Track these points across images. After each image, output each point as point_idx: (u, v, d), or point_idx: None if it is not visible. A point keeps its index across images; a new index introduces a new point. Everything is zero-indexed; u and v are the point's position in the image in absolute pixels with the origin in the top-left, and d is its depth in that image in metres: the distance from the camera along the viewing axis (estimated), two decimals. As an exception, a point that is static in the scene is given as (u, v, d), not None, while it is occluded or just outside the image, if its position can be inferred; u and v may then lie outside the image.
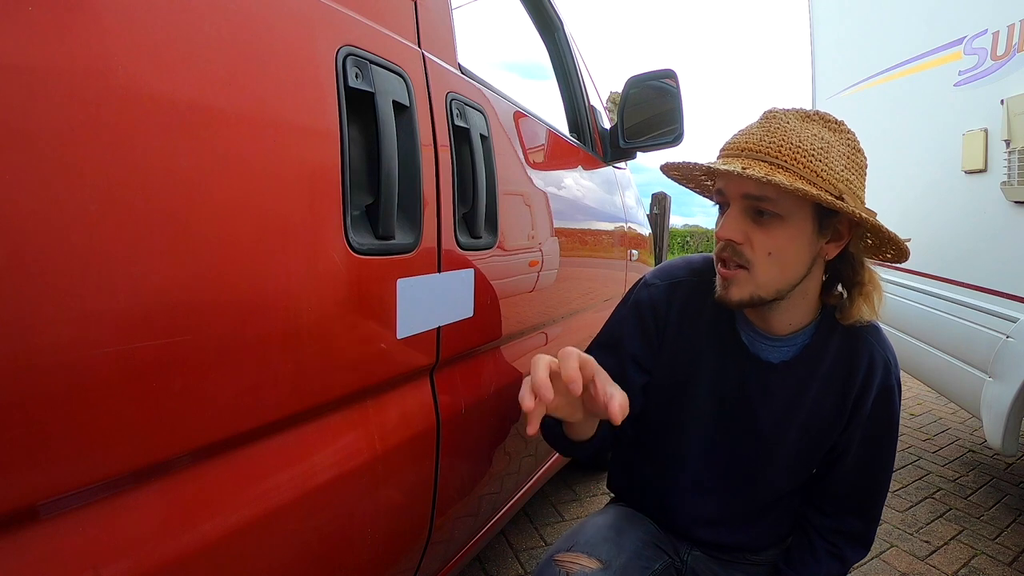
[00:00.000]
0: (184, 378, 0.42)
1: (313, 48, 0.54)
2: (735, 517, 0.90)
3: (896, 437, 0.87)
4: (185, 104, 0.42)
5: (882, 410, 0.84)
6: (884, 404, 0.84)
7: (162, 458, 0.42)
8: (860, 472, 0.87)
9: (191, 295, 0.42)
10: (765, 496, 0.90)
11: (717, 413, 0.86)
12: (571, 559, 0.78)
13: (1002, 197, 1.61)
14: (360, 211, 0.60)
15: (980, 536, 1.70)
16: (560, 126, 1.43)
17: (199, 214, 0.43)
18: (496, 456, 1.01)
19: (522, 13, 1.46)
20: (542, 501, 1.87)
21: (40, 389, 0.34)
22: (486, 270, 0.85)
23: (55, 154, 0.34)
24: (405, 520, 0.73)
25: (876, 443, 0.86)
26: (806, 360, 0.83)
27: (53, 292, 0.34)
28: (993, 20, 1.69)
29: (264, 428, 0.51)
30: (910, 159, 2.22)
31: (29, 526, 0.35)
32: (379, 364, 0.64)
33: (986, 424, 1.61)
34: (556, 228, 1.17)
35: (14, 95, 0.32)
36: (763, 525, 0.92)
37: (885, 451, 0.87)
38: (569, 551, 0.80)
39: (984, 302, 1.68)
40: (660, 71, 1.61)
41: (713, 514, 0.90)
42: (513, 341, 1.05)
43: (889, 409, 0.85)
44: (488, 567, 1.52)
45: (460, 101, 0.79)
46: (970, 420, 2.67)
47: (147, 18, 0.39)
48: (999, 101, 1.64)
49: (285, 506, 0.52)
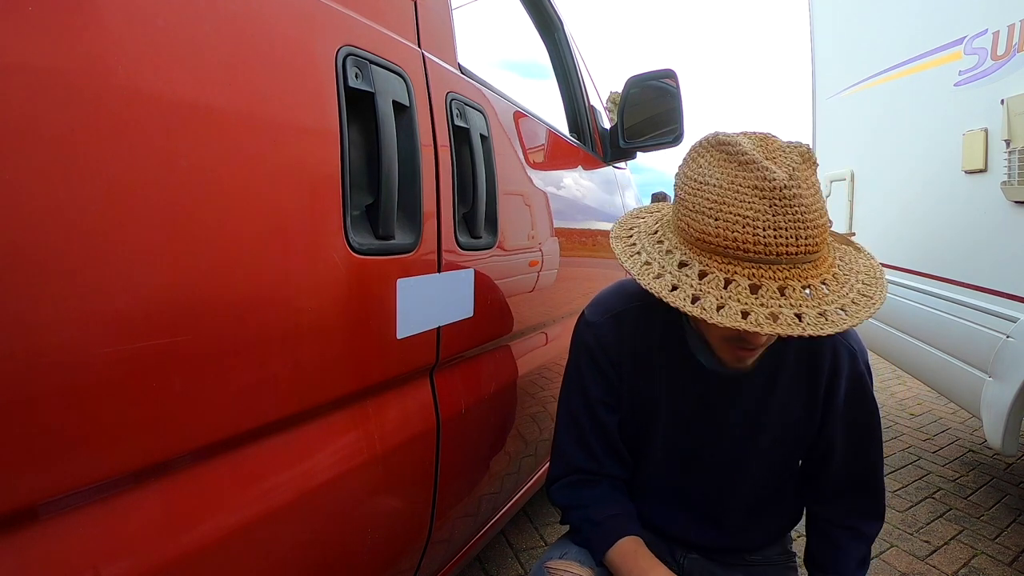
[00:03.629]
0: (184, 378, 0.43)
1: (313, 48, 0.54)
2: (725, 523, 0.90)
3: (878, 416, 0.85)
4: (185, 104, 0.42)
5: (857, 398, 0.82)
6: (858, 391, 0.82)
7: (162, 458, 0.42)
8: (854, 458, 0.85)
9: (191, 295, 0.42)
10: (752, 499, 0.89)
11: (684, 432, 0.85)
12: (563, 567, 0.79)
13: (1002, 197, 1.61)
14: (360, 211, 0.60)
15: (980, 536, 1.70)
16: (560, 126, 1.43)
17: (199, 214, 0.43)
18: (496, 456, 1.01)
19: (522, 13, 1.46)
20: (542, 501, 1.87)
21: (40, 389, 0.34)
22: (486, 270, 0.85)
23: (55, 154, 0.34)
24: (405, 520, 0.73)
25: (861, 428, 0.84)
26: (766, 365, 0.80)
27: (53, 292, 0.34)
28: (993, 20, 1.69)
29: (264, 428, 0.51)
30: (910, 159, 2.22)
31: (29, 526, 0.35)
32: (379, 364, 0.64)
33: (986, 424, 1.61)
34: (556, 228, 1.17)
35: (14, 95, 0.32)
36: (757, 525, 0.92)
37: (872, 432, 0.85)
38: (561, 559, 0.81)
39: (984, 302, 1.68)
40: (660, 71, 1.61)
41: (703, 523, 0.90)
42: (513, 341, 1.05)
43: (864, 395, 0.82)
44: (488, 567, 1.52)
45: (460, 101, 0.79)
46: (970, 420, 2.67)
47: (147, 18, 0.39)
48: (999, 101, 1.64)
49: (285, 506, 0.52)
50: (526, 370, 1.09)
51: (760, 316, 0.58)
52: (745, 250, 0.60)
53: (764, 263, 0.60)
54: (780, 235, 0.59)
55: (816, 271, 0.62)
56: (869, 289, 0.66)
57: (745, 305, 0.59)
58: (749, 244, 0.60)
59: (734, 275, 0.61)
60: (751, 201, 0.60)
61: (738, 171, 0.62)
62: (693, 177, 0.66)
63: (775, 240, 0.59)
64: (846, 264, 0.69)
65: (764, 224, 0.59)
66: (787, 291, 0.60)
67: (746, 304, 0.59)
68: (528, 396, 1.11)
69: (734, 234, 0.60)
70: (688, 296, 0.61)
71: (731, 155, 0.63)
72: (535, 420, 1.17)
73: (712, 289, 0.61)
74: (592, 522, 0.82)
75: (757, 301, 0.59)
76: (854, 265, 0.69)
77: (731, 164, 0.63)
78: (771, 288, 0.60)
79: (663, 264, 0.66)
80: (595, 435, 0.86)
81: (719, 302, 0.59)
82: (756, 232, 0.59)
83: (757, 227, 0.59)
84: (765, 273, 0.60)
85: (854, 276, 0.66)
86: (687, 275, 0.63)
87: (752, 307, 0.58)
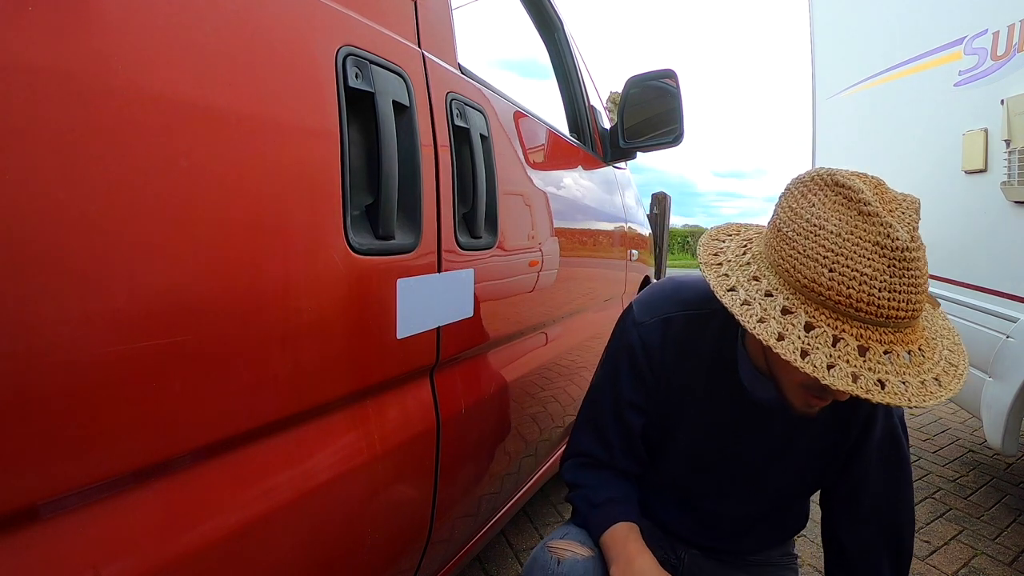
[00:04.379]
0: (184, 378, 0.42)
1: (313, 48, 0.54)
2: (730, 530, 0.90)
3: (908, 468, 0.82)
4: (185, 104, 0.42)
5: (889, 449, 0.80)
6: (890, 443, 0.80)
7: (162, 458, 0.42)
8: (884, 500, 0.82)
9: (191, 295, 0.42)
10: (759, 514, 0.89)
11: (705, 447, 0.85)
12: (564, 546, 0.80)
13: (1002, 197, 1.61)
14: (360, 211, 0.60)
15: (980, 536, 1.70)
16: (560, 126, 1.43)
17: (199, 214, 0.43)
18: (496, 456, 1.01)
19: (522, 13, 1.46)
20: (542, 501, 1.87)
21: (40, 389, 0.34)
22: (486, 270, 0.85)
23: (55, 154, 0.34)
24: (405, 520, 0.73)
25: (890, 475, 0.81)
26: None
27: (53, 292, 0.34)
28: (993, 20, 1.69)
29: (264, 428, 0.51)
30: (910, 159, 2.22)
31: (29, 526, 0.35)
32: (379, 364, 0.64)
33: (986, 424, 1.61)
34: (556, 228, 1.17)
35: (14, 95, 0.32)
36: (760, 533, 0.92)
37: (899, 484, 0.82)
38: (563, 539, 0.82)
39: (984, 302, 1.69)
40: (660, 71, 1.61)
41: (707, 528, 0.91)
42: (513, 341, 1.04)
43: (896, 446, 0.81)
44: (488, 567, 1.52)
45: (460, 101, 0.79)
46: (970, 420, 2.67)
47: (147, 18, 0.39)
48: (999, 101, 1.64)
49: (285, 506, 0.52)
50: (526, 370, 1.09)
51: (870, 382, 0.56)
52: (857, 309, 0.57)
53: (873, 324, 0.58)
54: (894, 298, 0.56)
55: (915, 335, 0.60)
56: (954, 357, 0.64)
57: (855, 368, 0.56)
58: (863, 304, 0.57)
59: (843, 333, 0.58)
60: (871, 258, 0.57)
61: (859, 221, 0.58)
62: (806, 217, 0.62)
63: (888, 303, 0.56)
64: (931, 326, 0.67)
65: (881, 285, 0.56)
66: (892, 356, 0.58)
67: (855, 367, 0.56)
68: (528, 396, 1.11)
69: (849, 290, 0.57)
70: (797, 349, 0.58)
71: (851, 201, 0.59)
72: (535, 420, 1.17)
73: (821, 345, 0.57)
74: (591, 503, 0.84)
75: (865, 365, 0.57)
76: (937, 327, 0.67)
77: (851, 212, 0.59)
78: (878, 352, 0.57)
79: (764, 307, 0.62)
80: (616, 434, 0.86)
81: (829, 361, 0.57)
82: (872, 292, 0.56)
83: (874, 287, 0.56)
84: (873, 335, 0.58)
85: (940, 341, 0.65)
86: (793, 324, 0.59)
87: (861, 371, 0.56)
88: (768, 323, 0.60)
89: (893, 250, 0.56)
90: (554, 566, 0.77)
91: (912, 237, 0.57)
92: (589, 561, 0.77)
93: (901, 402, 0.55)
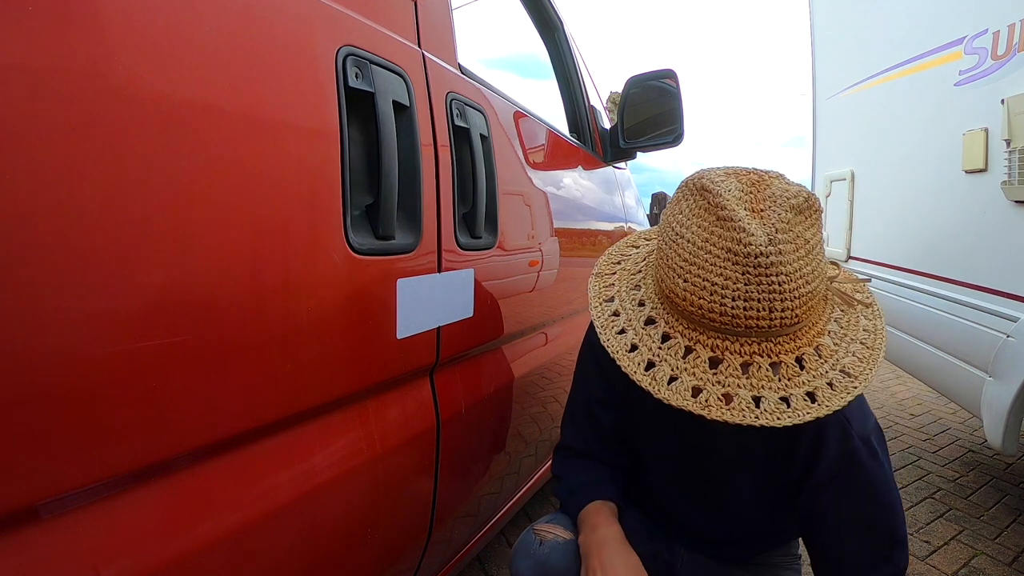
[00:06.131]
0: (184, 378, 0.42)
1: (313, 48, 0.54)
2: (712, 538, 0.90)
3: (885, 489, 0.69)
4: (185, 104, 0.42)
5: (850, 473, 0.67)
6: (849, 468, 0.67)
7: (162, 458, 0.42)
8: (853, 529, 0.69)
9: (192, 295, 0.42)
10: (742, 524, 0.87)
11: (670, 453, 0.84)
12: (549, 529, 0.83)
13: (1002, 197, 1.61)
14: (360, 211, 0.60)
15: (980, 536, 1.70)
16: (560, 126, 1.43)
17: (199, 214, 0.43)
18: (496, 456, 1.01)
19: (522, 13, 1.46)
20: (542, 501, 1.87)
21: (40, 389, 0.34)
22: (486, 270, 0.85)
23: (55, 154, 0.34)
24: (405, 520, 0.73)
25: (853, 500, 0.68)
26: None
27: (53, 292, 0.34)
28: (993, 20, 1.69)
29: (264, 428, 0.51)
30: (910, 159, 2.22)
31: (29, 526, 0.35)
32: (379, 364, 0.64)
33: (986, 424, 1.60)
34: (556, 228, 1.17)
35: (14, 95, 0.32)
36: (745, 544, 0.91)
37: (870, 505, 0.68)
38: (549, 522, 0.84)
39: (984, 301, 1.68)
40: (660, 71, 1.61)
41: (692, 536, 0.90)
42: (513, 341, 1.05)
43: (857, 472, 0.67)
44: (488, 567, 1.51)
45: (460, 101, 0.79)
46: (970, 420, 2.67)
47: (147, 18, 0.39)
48: (999, 101, 1.63)
49: (285, 506, 0.52)
50: (526, 370, 1.09)
51: (712, 396, 0.53)
52: (711, 319, 0.54)
53: (732, 335, 0.54)
54: (751, 307, 0.53)
55: (793, 344, 0.55)
56: (858, 366, 0.56)
57: (700, 380, 0.53)
58: (715, 314, 0.54)
59: (696, 343, 0.55)
60: (722, 266, 0.53)
61: (714, 227, 0.55)
62: (672, 225, 0.59)
63: (744, 313, 0.53)
64: (842, 330, 0.59)
65: (734, 294, 0.53)
66: (751, 368, 0.53)
67: (701, 379, 0.54)
68: (528, 396, 1.11)
69: (700, 300, 0.54)
70: (643, 361, 0.56)
71: (710, 206, 0.55)
72: (535, 420, 1.17)
73: (670, 356, 0.55)
74: (570, 490, 0.86)
75: (714, 377, 0.53)
76: (850, 331, 0.60)
77: (709, 217, 0.55)
78: (733, 364, 0.54)
79: (631, 317, 0.60)
80: (589, 428, 0.90)
81: (672, 372, 0.54)
82: (724, 302, 0.53)
83: (725, 297, 0.53)
84: (731, 346, 0.54)
85: (844, 347, 0.57)
86: (650, 335, 0.57)
87: (706, 383, 0.53)
88: (626, 334, 0.58)
89: (746, 256, 0.52)
90: (536, 546, 0.80)
91: (771, 239, 0.53)
92: (571, 543, 0.80)
93: (745, 420, 0.52)
